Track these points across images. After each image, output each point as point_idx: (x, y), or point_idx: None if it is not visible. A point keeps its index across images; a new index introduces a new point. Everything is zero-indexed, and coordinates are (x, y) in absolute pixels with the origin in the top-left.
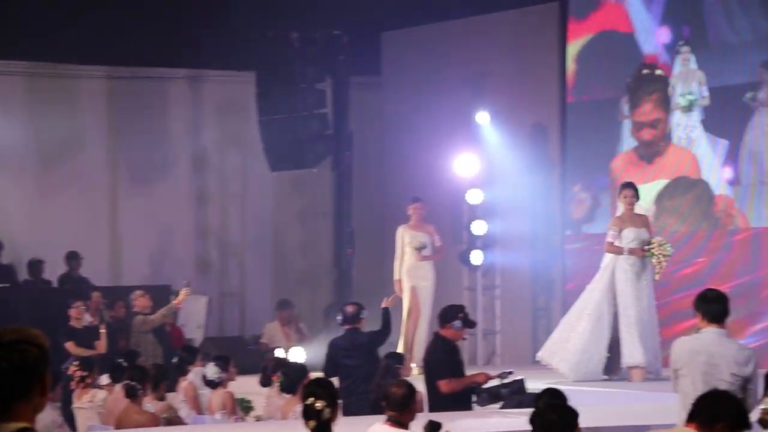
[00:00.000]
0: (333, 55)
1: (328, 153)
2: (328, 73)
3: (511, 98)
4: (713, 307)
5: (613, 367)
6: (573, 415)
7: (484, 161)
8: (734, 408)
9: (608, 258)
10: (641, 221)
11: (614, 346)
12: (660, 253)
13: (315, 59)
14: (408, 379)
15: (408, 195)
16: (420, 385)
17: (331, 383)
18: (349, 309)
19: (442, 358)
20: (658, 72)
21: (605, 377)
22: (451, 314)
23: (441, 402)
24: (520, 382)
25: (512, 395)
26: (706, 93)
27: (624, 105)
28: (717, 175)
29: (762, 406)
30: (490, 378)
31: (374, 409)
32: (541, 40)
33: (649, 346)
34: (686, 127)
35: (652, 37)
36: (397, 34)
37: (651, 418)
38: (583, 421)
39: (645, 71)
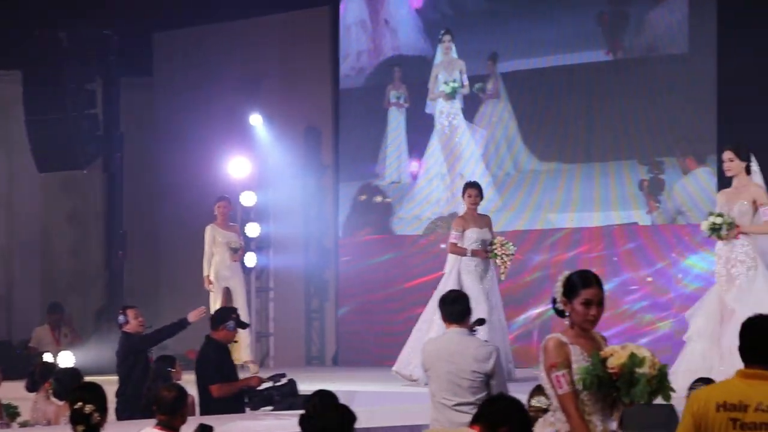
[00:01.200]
0: (103, 55)
1: (98, 154)
2: (98, 73)
3: (285, 100)
4: (453, 308)
5: None
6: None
7: (258, 163)
8: (519, 413)
9: (452, 260)
10: (484, 221)
11: None
12: (503, 253)
13: (84, 59)
14: (180, 382)
15: (181, 197)
16: (192, 388)
17: (99, 387)
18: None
19: (214, 361)
20: None
21: None
22: (223, 316)
23: (213, 405)
24: (292, 384)
25: (284, 398)
26: (466, 81)
27: (390, 92)
28: (478, 164)
29: (533, 404)
30: (263, 381)
31: (148, 414)
32: (313, 43)
33: (499, 347)
34: (448, 115)
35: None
36: (168, 35)
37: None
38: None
39: None
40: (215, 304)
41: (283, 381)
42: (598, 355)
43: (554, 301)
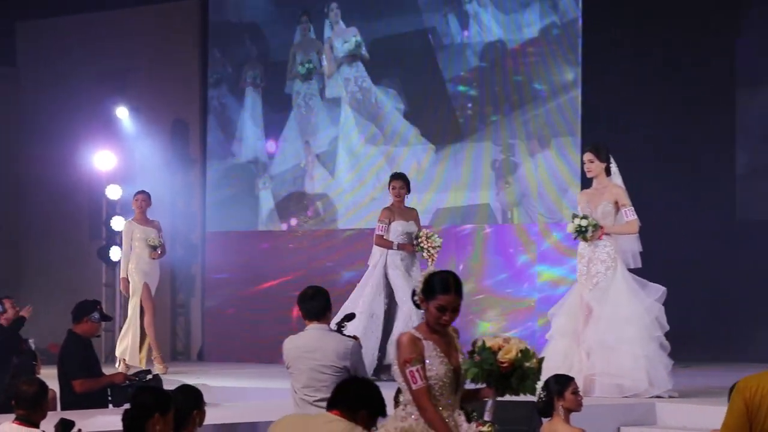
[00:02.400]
0: None
1: None
2: None
3: (152, 93)
4: (312, 304)
5: (383, 367)
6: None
7: (124, 157)
8: (376, 394)
9: (377, 252)
10: (410, 214)
11: (386, 346)
12: (429, 246)
13: None
14: (39, 376)
15: (45, 189)
16: (53, 382)
17: None
18: None
19: (77, 356)
20: None
21: (374, 377)
22: (87, 308)
23: (76, 400)
24: (158, 381)
25: None
26: (325, 62)
27: (247, 72)
28: (332, 144)
29: (401, 400)
30: (129, 378)
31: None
32: (182, 36)
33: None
34: (305, 96)
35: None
36: (32, 25)
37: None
38: (217, 417)
39: None
40: (137, 300)
41: (149, 377)
42: (489, 349)
43: (414, 293)
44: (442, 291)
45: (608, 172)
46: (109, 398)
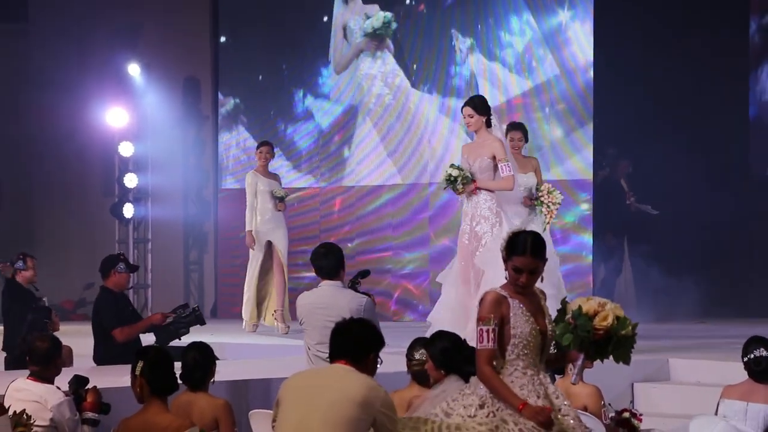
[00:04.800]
0: None
1: None
2: None
3: (164, 50)
4: (325, 262)
5: None
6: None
7: (136, 113)
8: (378, 336)
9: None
10: (530, 165)
11: None
12: (549, 201)
13: None
14: (57, 333)
15: (57, 146)
16: (69, 338)
17: None
18: None
19: (111, 308)
20: None
21: None
22: (112, 261)
23: (112, 356)
24: (198, 312)
25: (191, 326)
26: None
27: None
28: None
29: (416, 357)
30: (167, 316)
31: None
32: None
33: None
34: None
35: None
36: None
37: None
38: (230, 374)
39: None
40: (255, 261)
41: (188, 312)
42: (586, 315)
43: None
44: (520, 252)
45: (488, 124)
46: (155, 343)
